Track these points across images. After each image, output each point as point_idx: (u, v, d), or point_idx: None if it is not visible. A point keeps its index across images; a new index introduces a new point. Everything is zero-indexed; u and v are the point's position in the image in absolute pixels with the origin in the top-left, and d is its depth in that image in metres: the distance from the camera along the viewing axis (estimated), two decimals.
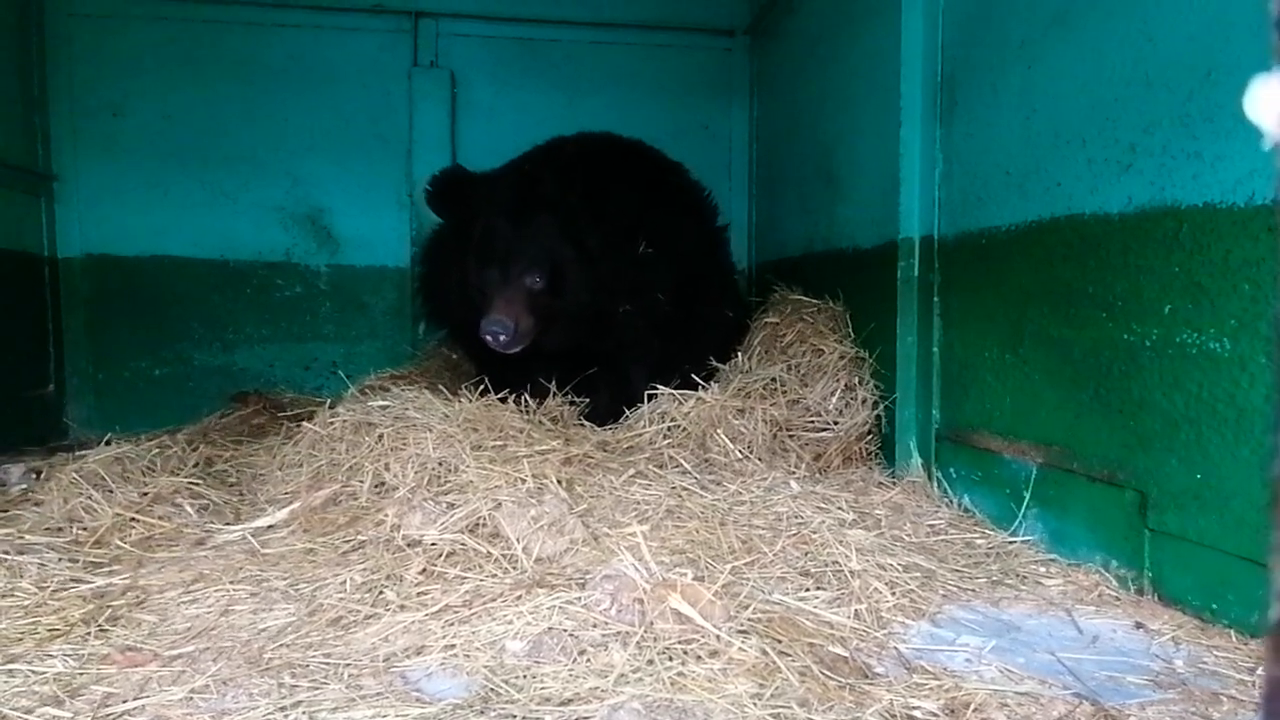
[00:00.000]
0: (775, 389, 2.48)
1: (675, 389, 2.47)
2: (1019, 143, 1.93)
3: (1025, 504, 1.85)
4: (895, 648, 1.33)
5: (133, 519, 1.85)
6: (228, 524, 1.88)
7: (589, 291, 2.50)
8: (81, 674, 1.21)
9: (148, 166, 3.52)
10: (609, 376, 2.74)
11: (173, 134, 3.54)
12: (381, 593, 1.47)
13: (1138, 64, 1.57)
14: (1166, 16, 1.50)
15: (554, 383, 2.60)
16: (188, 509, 1.95)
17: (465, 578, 1.51)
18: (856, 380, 2.47)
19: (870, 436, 2.45)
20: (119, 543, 1.76)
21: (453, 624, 1.34)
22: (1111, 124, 1.63)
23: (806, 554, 1.66)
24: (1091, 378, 1.68)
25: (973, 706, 1.13)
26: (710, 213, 3.09)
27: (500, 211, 2.51)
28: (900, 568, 1.60)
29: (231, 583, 1.55)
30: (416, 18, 3.72)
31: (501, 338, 2.36)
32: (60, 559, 1.64)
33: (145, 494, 1.95)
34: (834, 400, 2.45)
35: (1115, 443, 1.62)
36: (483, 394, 2.33)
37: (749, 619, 1.32)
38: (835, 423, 2.42)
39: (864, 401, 2.44)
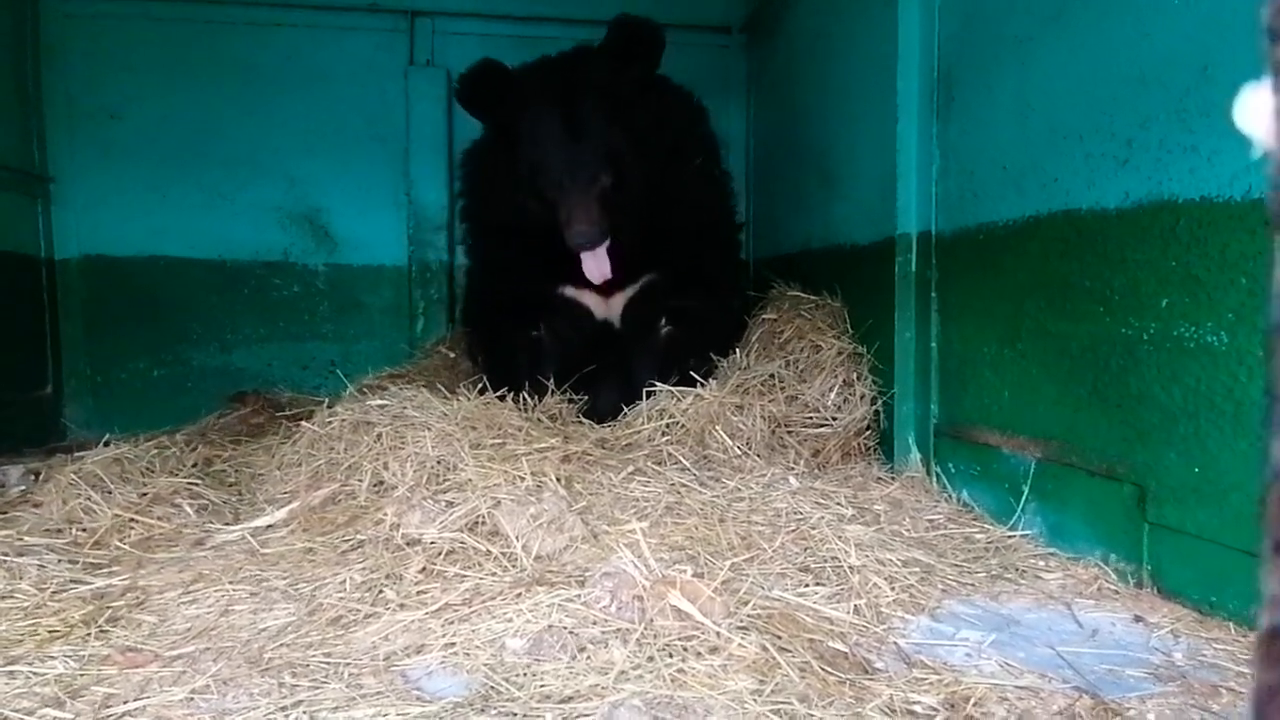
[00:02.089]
0: (774, 385, 2.48)
1: (674, 385, 2.47)
2: (1016, 139, 1.93)
3: (1024, 498, 1.85)
4: (895, 643, 1.33)
5: (132, 520, 1.84)
6: (227, 524, 1.88)
7: (643, 181, 2.46)
8: (82, 675, 1.21)
9: (145, 167, 3.51)
10: (609, 372, 2.75)
11: (170, 135, 3.53)
12: (381, 592, 1.47)
13: (1133, 61, 1.57)
14: (1162, 14, 1.50)
15: (552, 380, 2.61)
16: (187, 509, 1.95)
17: (465, 576, 1.51)
18: (855, 376, 2.47)
19: (869, 432, 2.45)
20: (118, 543, 1.76)
21: (452, 622, 1.34)
22: (1108, 119, 1.63)
23: (806, 550, 1.66)
24: (1090, 372, 1.69)
25: (973, 701, 1.13)
26: (732, 195, 3.10)
27: (550, 102, 2.43)
28: (899, 563, 1.60)
29: (231, 583, 1.55)
30: (413, 17, 3.71)
31: (590, 241, 2.36)
32: (60, 560, 1.64)
33: (144, 495, 1.95)
34: (832, 396, 2.45)
35: (1114, 437, 1.62)
36: (481, 392, 2.33)
37: (749, 615, 1.32)
38: (834, 418, 2.42)
39: (862, 397, 2.44)
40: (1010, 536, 1.84)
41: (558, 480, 1.84)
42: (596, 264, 2.45)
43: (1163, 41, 1.50)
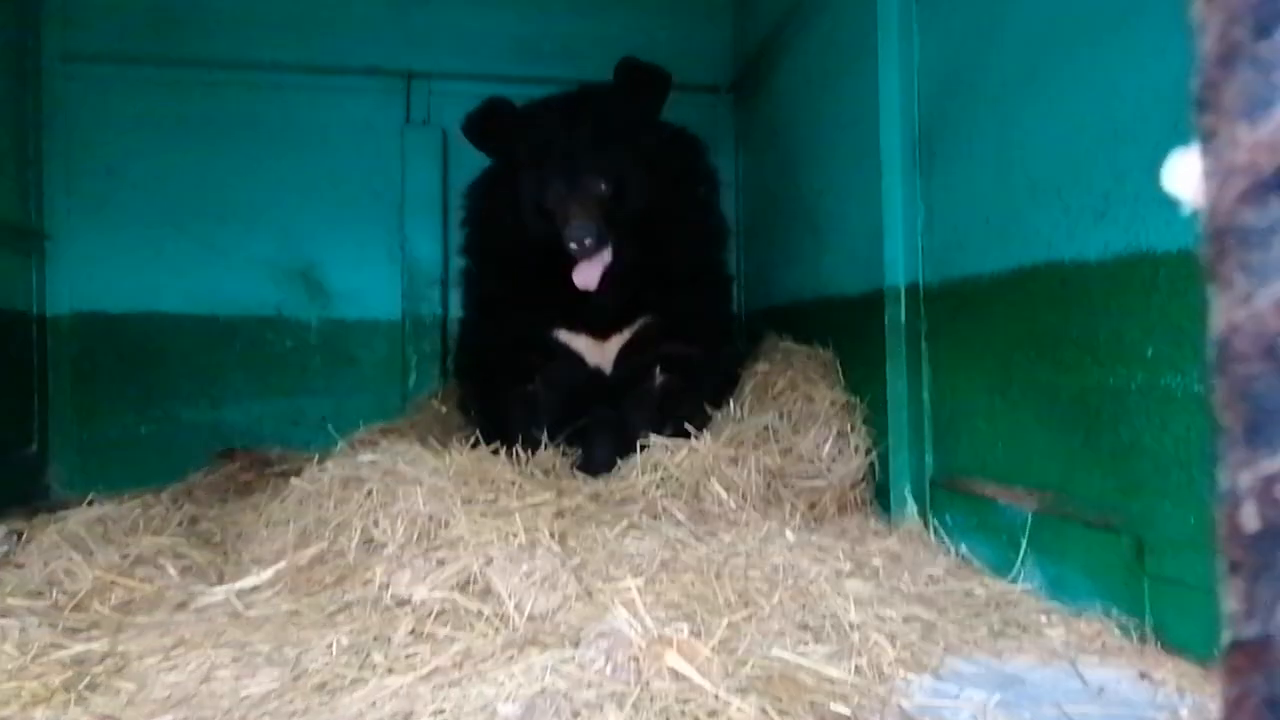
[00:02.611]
0: (768, 437, 2.47)
1: (668, 436, 2.46)
2: (997, 192, 1.97)
3: (1023, 551, 1.83)
4: (898, 703, 1.29)
5: (113, 582, 1.80)
6: (211, 585, 1.84)
7: (645, 198, 2.52)
8: None
9: (141, 224, 3.54)
10: (602, 424, 2.74)
11: (167, 192, 3.57)
12: (369, 655, 1.43)
13: (1106, 118, 1.62)
14: (1132, 72, 1.55)
15: (546, 433, 2.60)
16: (170, 570, 1.91)
17: (455, 637, 1.47)
18: (849, 427, 2.47)
19: (864, 484, 2.43)
20: (98, 607, 1.71)
21: (442, 687, 1.30)
22: (1085, 174, 1.68)
23: (804, 606, 1.63)
24: (1081, 422, 1.69)
25: None
26: (728, 236, 3.13)
27: (553, 123, 2.54)
28: (900, 619, 1.57)
29: (213, 647, 1.50)
30: (409, 78, 3.81)
31: (587, 241, 2.37)
32: (41, 623, 1.59)
33: (126, 555, 1.91)
34: (827, 448, 2.44)
35: (1108, 487, 1.62)
36: (474, 446, 2.31)
37: (748, 676, 1.29)
38: (829, 470, 2.41)
39: (857, 448, 2.43)
40: (1011, 590, 1.81)
41: (551, 536, 1.82)
42: (588, 271, 2.46)
43: (1134, 99, 1.55)
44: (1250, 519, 0.29)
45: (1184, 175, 0.33)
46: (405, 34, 3.84)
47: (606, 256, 2.48)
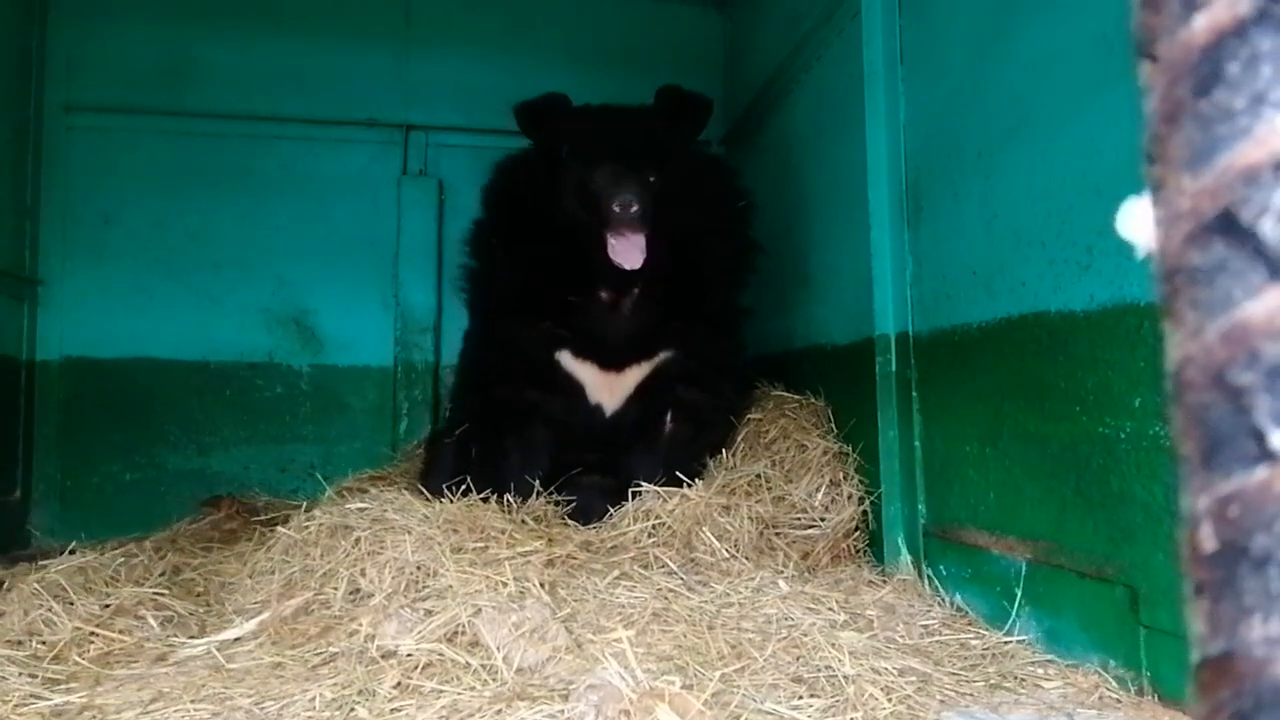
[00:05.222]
0: (760, 485, 2.46)
1: (661, 484, 2.44)
2: (983, 245, 2.02)
3: (1018, 602, 1.81)
4: None
5: (93, 633, 1.76)
6: (192, 637, 1.79)
7: (686, 204, 2.48)
8: None
9: (135, 271, 3.55)
10: (596, 470, 2.70)
11: (162, 239, 3.60)
12: (353, 710, 1.40)
13: (1087, 174, 1.67)
14: (1110, 132, 1.61)
15: (538, 481, 2.56)
16: (150, 621, 1.86)
17: (442, 691, 1.44)
18: (841, 476, 2.46)
19: (858, 533, 2.42)
20: (78, 658, 1.67)
21: None
22: (1069, 227, 1.72)
23: (798, 658, 1.60)
24: (1071, 471, 1.70)
25: None
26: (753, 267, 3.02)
27: (608, 119, 2.56)
28: (895, 671, 1.55)
29: (192, 701, 1.46)
30: (407, 130, 3.89)
31: (634, 208, 2.27)
32: (20, 673, 1.55)
33: (107, 606, 1.87)
34: (819, 496, 2.43)
35: (1101, 537, 1.62)
36: (465, 493, 2.29)
37: None
38: (822, 519, 2.39)
39: (849, 497, 2.42)
40: (1006, 642, 1.79)
41: (541, 586, 1.79)
42: (629, 248, 2.35)
43: (1111, 157, 1.60)
44: (1208, 539, 0.31)
45: (1137, 222, 0.36)
46: (404, 87, 3.93)
47: (644, 244, 2.35)
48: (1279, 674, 0.29)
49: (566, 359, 2.58)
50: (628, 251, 2.36)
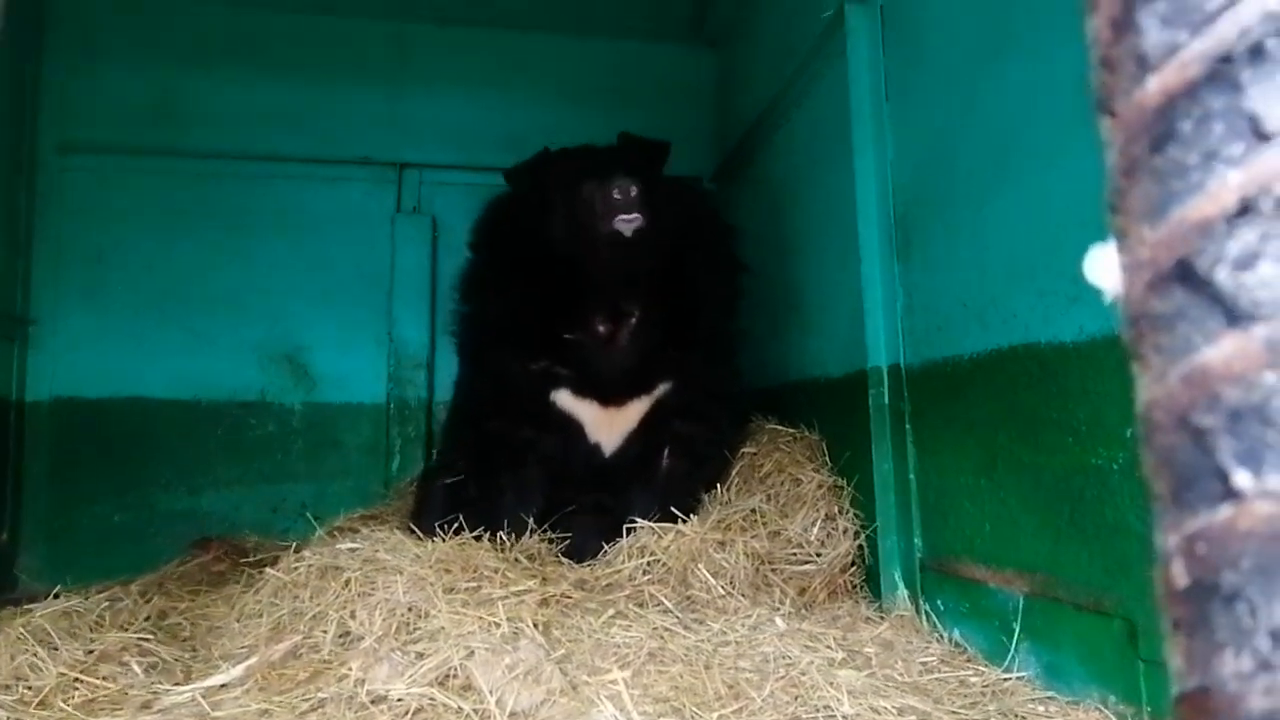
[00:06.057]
0: (755, 520, 2.44)
1: (655, 520, 2.42)
2: (974, 277, 2.03)
3: (1016, 637, 1.79)
4: None
5: (76, 680, 1.72)
6: (177, 684, 1.75)
7: (672, 223, 2.49)
8: None
9: (127, 310, 3.55)
10: (591, 508, 2.67)
11: (155, 278, 3.60)
12: None
13: (1073, 207, 1.69)
14: (1094, 166, 1.63)
15: (532, 519, 2.54)
16: (135, 668, 1.82)
17: None
18: (837, 509, 2.45)
19: (854, 568, 2.40)
20: (62, 704, 1.63)
21: None
22: (1058, 259, 1.73)
23: (796, 698, 1.58)
24: (1065, 503, 1.69)
25: None
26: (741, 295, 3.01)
27: (588, 151, 2.60)
28: (895, 710, 1.53)
29: None
30: (401, 169, 3.93)
31: (633, 191, 2.30)
32: (7, 718, 1.52)
33: (91, 651, 1.83)
34: (815, 531, 2.41)
35: (1097, 569, 1.60)
36: (457, 532, 2.27)
37: None
38: (818, 554, 2.37)
39: (845, 531, 2.41)
40: (1006, 679, 1.77)
41: (535, 626, 1.76)
42: (628, 221, 2.33)
43: (1099, 187, 1.62)
44: (1180, 576, 0.31)
45: (1103, 268, 0.38)
46: (398, 126, 3.98)
47: (640, 221, 2.34)
48: (1253, 709, 0.29)
49: (565, 398, 2.56)
50: (626, 221, 2.35)
